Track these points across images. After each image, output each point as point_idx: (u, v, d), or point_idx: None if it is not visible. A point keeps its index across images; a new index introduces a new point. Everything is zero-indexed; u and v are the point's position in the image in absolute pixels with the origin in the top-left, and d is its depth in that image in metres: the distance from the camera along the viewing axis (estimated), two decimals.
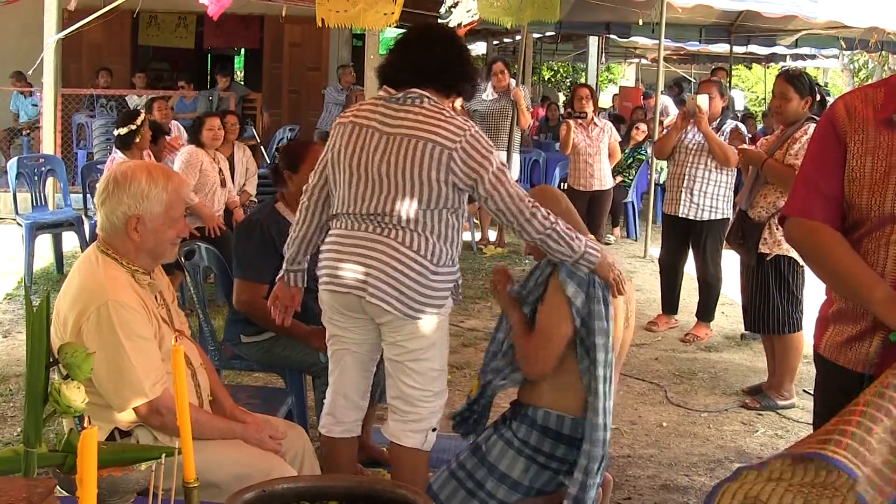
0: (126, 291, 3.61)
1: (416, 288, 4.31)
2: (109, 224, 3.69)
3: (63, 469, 2.37)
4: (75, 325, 3.52)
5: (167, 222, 3.73)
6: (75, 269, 3.76)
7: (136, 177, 3.67)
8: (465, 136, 4.24)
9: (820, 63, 30.41)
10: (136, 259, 3.74)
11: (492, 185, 4.25)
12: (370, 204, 4.36)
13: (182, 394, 2.11)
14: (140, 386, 3.51)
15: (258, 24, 20.84)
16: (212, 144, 9.36)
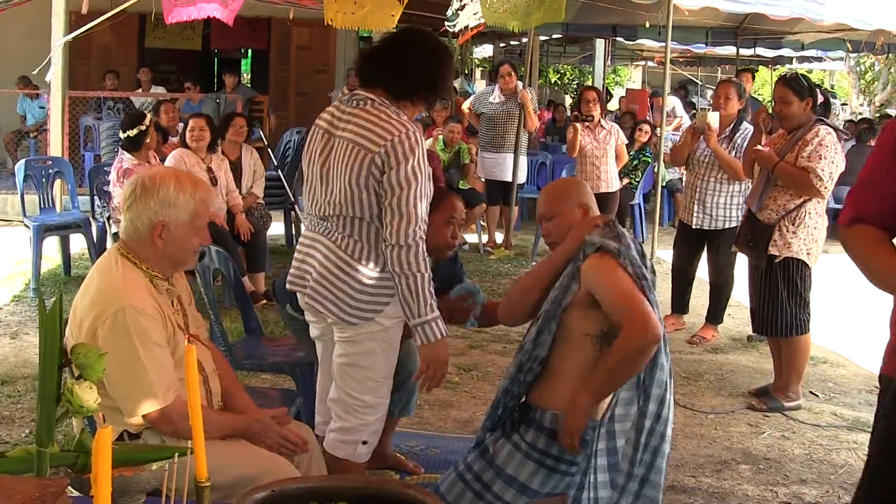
0: (143, 297, 3.61)
1: (349, 292, 4.31)
2: (134, 228, 3.69)
3: (75, 469, 2.38)
4: (91, 328, 3.53)
5: (192, 230, 3.73)
6: (94, 271, 3.77)
7: (165, 183, 3.67)
8: (393, 139, 4.17)
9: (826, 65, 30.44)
10: (157, 265, 3.74)
11: (392, 184, 4.16)
12: (318, 206, 4.41)
13: (194, 393, 2.13)
14: (153, 392, 3.51)
15: (265, 26, 20.85)
16: (195, 146, 9.36)
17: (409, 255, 4.16)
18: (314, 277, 4.42)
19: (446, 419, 6.65)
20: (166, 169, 3.87)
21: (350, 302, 4.32)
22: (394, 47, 4.43)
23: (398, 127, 4.19)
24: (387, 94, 4.33)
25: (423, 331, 4.24)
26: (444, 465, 5.76)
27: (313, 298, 4.42)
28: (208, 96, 16.86)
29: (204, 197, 3.76)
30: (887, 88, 32.53)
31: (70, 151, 13.64)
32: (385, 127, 4.20)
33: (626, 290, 4.01)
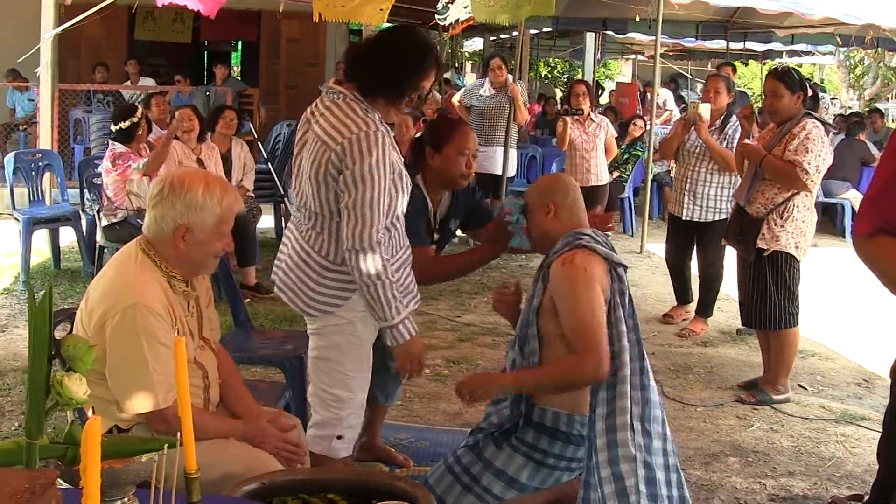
0: (156, 296, 3.61)
1: (309, 284, 4.33)
2: (157, 228, 3.68)
3: (64, 461, 2.39)
4: (100, 320, 3.54)
5: (216, 236, 3.72)
6: (112, 262, 3.77)
7: (193, 186, 3.65)
8: (351, 137, 4.11)
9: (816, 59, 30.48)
10: (177, 266, 3.73)
11: (349, 184, 4.11)
12: (296, 197, 4.45)
13: (183, 384, 2.14)
14: (153, 392, 3.52)
15: (255, 19, 20.85)
16: (184, 137, 9.38)
17: (364, 260, 4.12)
18: (282, 267, 4.48)
19: (435, 412, 6.66)
20: (197, 171, 3.85)
21: (310, 293, 4.34)
22: (374, 44, 4.38)
23: (359, 125, 4.14)
24: (357, 90, 4.27)
25: (392, 333, 4.24)
26: (434, 457, 5.77)
27: (280, 288, 4.47)
28: (198, 89, 16.85)
29: (231, 203, 3.74)
30: (876, 83, 32.59)
31: (60, 144, 13.62)
32: (347, 124, 4.15)
33: (587, 318, 4.04)
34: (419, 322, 8.36)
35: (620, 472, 3.99)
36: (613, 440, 4.03)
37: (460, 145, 5.01)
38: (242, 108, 16.24)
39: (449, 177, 5.07)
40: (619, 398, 4.06)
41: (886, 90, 32.99)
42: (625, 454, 4.00)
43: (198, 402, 3.82)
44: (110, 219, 9.08)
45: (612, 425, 4.05)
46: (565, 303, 4.09)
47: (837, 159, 7.08)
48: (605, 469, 4.02)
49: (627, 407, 4.05)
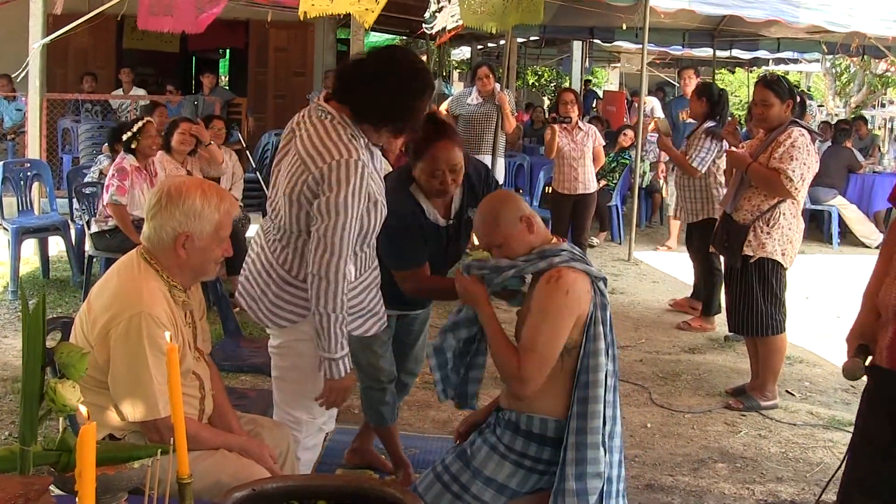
0: (160, 305, 3.62)
1: (270, 296, 4.31)
2: (157, 238, 3.69)
3: (57, 467, 2.41)
4: (104, 328, 3.54)
5: (215, 242, 3.73)
6: (115, 271, 3.77)
7: (190, 194, 3.66)
8: (331, 163, 4.04)
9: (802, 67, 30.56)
10: (177, 274, 3.75)
11: (322, 211, 4.05)
12: (270, 206, 4.41)
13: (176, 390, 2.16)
14: (154, 401, 3.53)
15: (243, 28, 20.87)
16: (180, 149, 9.38)
17: (324, 289, 4.07)
18: (245, 273, 4.45)
19: (424, 419, 6.68)
20: (192, 179, 3.86)
21: (270, 306, 4.32)
22: (370, 67, 4.24)
23: (341, 151, 4.06)
24: (350, 115, 4.18)
25: (329, 366, 4.17)
26: (423, 464, 5.79)
27: (241, 294, 4.46)
28: (187, 98, 16.84)
29: (229, 209, 3.75)
30: (863, 90, 32.68)
31: (48, 154, 13.61)
32: (329, 149, 4.08)
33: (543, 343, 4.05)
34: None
35: (586, 487, 4.03)
36: (583, 457, 4.06)
37: (431, 166, 4.83)
38: (231, 117, 16.24)
39: (427, 191, 4.96)
40: (592, 417, 4.08)
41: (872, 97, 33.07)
42: (593, 471, 4.04)
43: (193, 413, 3.83)
44: (101, 226, 9.07)
45: (583, 442, 4.07)
46: (533, 317, 4.11)
47: (824, 166, 7.13)
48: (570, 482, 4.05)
49: (599, 427, 4.08)
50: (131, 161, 9.00)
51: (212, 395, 4.00)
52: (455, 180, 4.91)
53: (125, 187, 8.79)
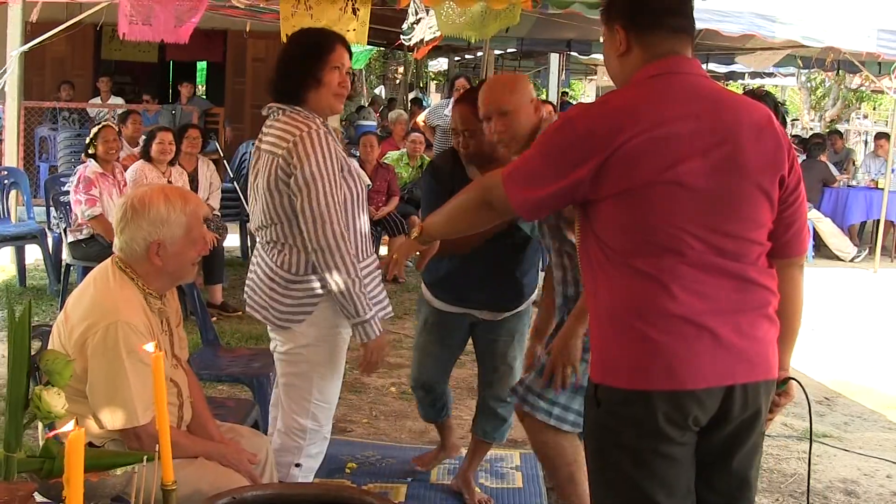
0: (137, 314, 3.64)
1: (278, 298, 4.34)
2: (130, 250, 3.70)
3: (41, 474, 2.43)
4: (81, 337, 3.55)
5: (188, 244, 3.75)
6: (90, 281, 3.78)
7: (154, 202, 3.68)
8: (294, 139, 4.16)
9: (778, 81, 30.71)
10: (154, 281, 3.77)
11: (300, 185, 4.14)
12: (254, 219, 4.47)
13: (161, 398, 2.18)
14: (133, 409, 3.53)
15: (221, 38, 20.84)
16: (160, 158, 9.36)
17: (329, 258, 4.13)
18: (251, 286, 4.51)
19: (402, 429, 6.70)
20: (154, 187, 3.86)
21: (280, 307, 4.35)
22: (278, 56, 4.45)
23: (300, 126, 4.18)
24: (289, 102, 4.31)
25: (362, 329, 4.24)
26: (400, 474, 5.82)
27: (253, 308, 4.50)
28: (164, 108, 16.83)
29: (195, 209, 3.77)
30: (837, 104, 32.92)
31: (25, 162, 13.58)
32: (289, 129, 4.20)
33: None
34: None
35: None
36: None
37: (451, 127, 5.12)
38: (208, 126, 16.25)
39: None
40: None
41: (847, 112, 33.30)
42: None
43: (171, 420, 3.83)
44: (76, 235, 9.07)
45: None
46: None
47: None
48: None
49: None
50: (94, 168, 9.02)
51: (190, 403, 4.01)
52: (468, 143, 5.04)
53: (95, 198, 8.80)
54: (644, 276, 2.94)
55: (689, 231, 2.92)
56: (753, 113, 3.07)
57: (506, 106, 4.39)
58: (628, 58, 3.11)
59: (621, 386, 3.00)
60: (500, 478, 5.93)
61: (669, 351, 2.91)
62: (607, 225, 3.00)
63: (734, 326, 2.96)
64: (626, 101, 3.03)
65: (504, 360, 5.38)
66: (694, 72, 3.09)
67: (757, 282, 3.03)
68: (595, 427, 3.15)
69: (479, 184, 3.39)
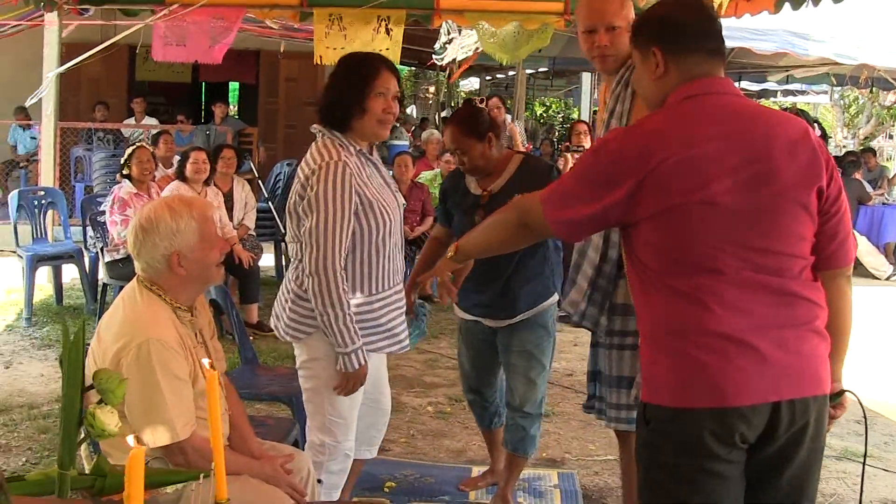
0: (168, 329, 3.65)
1: (287, 311, 4.47)
2: (153, 269, 3.72)
3: (92, 492, 2.44)
4: (115, 358, 3.54)
5: (206, 246, 3.75)
6: (119, 302, 3.80)
7: (160, 216, 3.69)
8: (314, 167, 4.26)
9: (810, 99, 30.63)
10: (182, 293, 3.78)
11: (305, 209, 4.27)
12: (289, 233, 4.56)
13: (215, 415, 2.19)
14: (172, 425, 3.54)
15: (254, 58, 20.91)
16: (195, 178, 9.38)
17: (319, 286, 4.22)
18: (277, 297, 4.64)
19: (440, 449, 6.69)
20: (154, 203, 3.88)
21: (286, 320, 4.48)
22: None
23: (324, 156, 4.26)
24: (326, 125, 4.38)
25: (343, 360, 4.30)
26: (439, 493, 5.82)
27: (272, 316, 4.66)
28: (198, 128, 16.90)
29: (202, 212, 3.78)
30: (871, 122, 32.75)
31: (61, 182, 13.67)
32: (315, 157, 4.30)
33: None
34: (420, 361, 8.44)
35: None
36: None
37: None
38: (242, 146, 16.30)
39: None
40: None
41: (881, 129, 33.14)
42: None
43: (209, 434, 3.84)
44: (113, 255, 9.14)
45: None
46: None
47: None
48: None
49: None
50: (128, 189, 9.10)
51: (229, 416, 4.02)
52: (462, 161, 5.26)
53: (129, 218, 8.85)
54: (683, 296, 2.97)
55: (724, 249, 2.95)
56: (787, 127, 3.09)
57: (615, 21, 4.29)
58: (665, 80, 3.14)
59: (667, 404, 3.01)
60: (538, 496, 5.92)
61: (712, 368, 2.93)
62: (645, 247, 3.04)
63: (778, 342, 2.96)
64: (658, 125, 3.08)
65: (517, 370, 5.41)
66: (726, 91, 3.12)
67: (801, 296, 3.03)
68: (643, 445, 3.16)
69: (517, 205, 3.42)
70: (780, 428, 2.97)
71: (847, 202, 3.21)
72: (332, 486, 4.60)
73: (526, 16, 11.54)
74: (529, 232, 3.38)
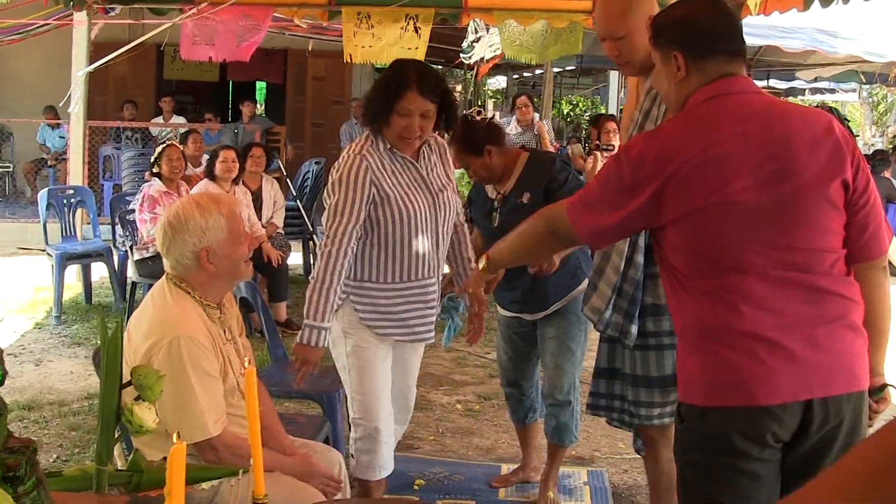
0: (197, 326, 3.67)
1: None
2: (182, 266, 3.74)
3: (129, 487, 2.45)
4: (146, 356, 3.56)
5: (234, 242, 3.77)
6: (149, 300, 3.82)
7: (189, 213, 3.71)
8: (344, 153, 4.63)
9: (839, 97, 30.47)
10: (211, 290, 3.80)
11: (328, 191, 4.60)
12: None
13: (253, 411, 2.20)
14: (203, 422, 3.56)
15: (282, 57, 20.95)
16: (224, 177, 9.39)
17: (323, 254, 4.51)
18: None
19: (469, 447, 6.69)
20: (182, 200, 3.90)
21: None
22: None
23: (351, 148, 4.62)
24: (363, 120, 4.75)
25: (303, 331, 4.53)
26: (468, 491, 5.82)
27: None
28: (227, 126, 16.94)
29: (230, 208, 3.82)
30: None
31: (89, 181, 13.72)
32: (347, 148, 4.68)
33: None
34: (448, 359, 8.43)
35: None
36: None
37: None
38: (269, 145, 16.33)
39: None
40: None
41: None
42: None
43: (243, 432, 3.84)
44: (142, 253, 9.17)
45: None
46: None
47: None
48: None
49: None
50: (158, 187, 9.14)
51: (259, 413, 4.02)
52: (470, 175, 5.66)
53: (158, 216, 8.89)
54: (710, 297, 2.98)
55: (750, 248, 2.94)
56: (809, 121, 3.07)
57: (617, 31, 4.19)
58: (686, 83, 3.14)
59: (698, 403, 3.02)
60: (568, 494, 5.91)
61: (741, 368, 2.92)
62: (673, 250, 3.06)
63: (808, 340, 2.94)
64: (677, 130, 3.10)
65: (546, 357, 5.49)
66: (746, 90, 3.11)
67: (831, 291, 3.01)
68: (679, 445, 3.17)
69: (544, 214, 3.44)
70: (812, 426, 2.96)
71: (876, 193, 3.18)
72: (362, 466, 4.78)
73: (554, 14, 11.51)
74: (557, 240, 3.44)
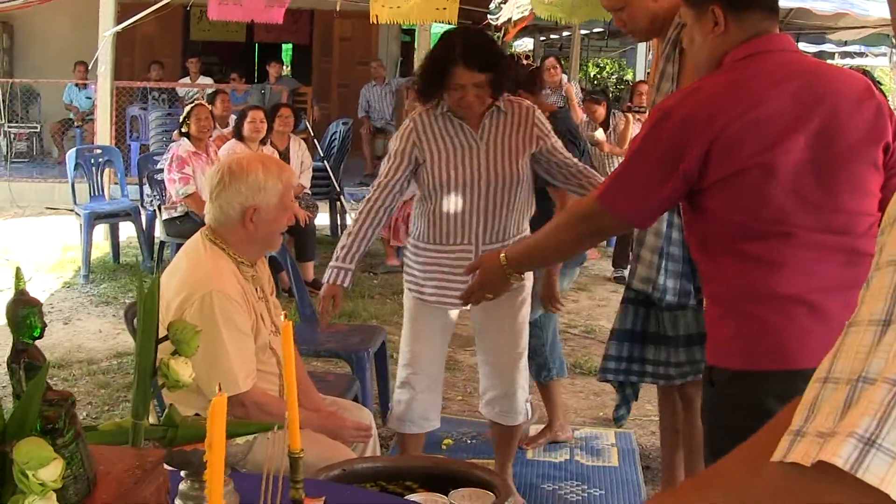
0: (230, 282, 3.68)
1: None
2: (224, 215, 3.75)
3: (163, 442, 2.45)
4: (178, 310, 3.58)
5: (281, 211, 3.80)
6: (182, 254, 3.85)
7: (253, 168, 3.73)
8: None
9: (868, 61, 30.22)
10: (244, 250, 3.81)
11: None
12: None
13: (289, 366, 2.20)
14: (234, 377, 3.57)
15: (308, 18, 20.93)
16: (252, 137, 9.40)
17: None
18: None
19: None
20: (250, 154, 3.94)
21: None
22: None
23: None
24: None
25: (328, 271, 4.61)
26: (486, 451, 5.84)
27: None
28: (253, 87, 16.93)
29: (289, 178, 3.85)
30: None
31: (116, 141, 13.75)
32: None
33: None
34: None
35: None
36: None
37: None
38: (296, 105, 16.33)
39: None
40: None
41: None
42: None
43: (273, 390, 3.86)
44: (171, 213, 9.20)
45: None
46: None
47: None
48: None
49: None
50: (186, 147, 9.13)
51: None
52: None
53: (188, 176, 8.90)
54: (752, 259, 2.92)
55: (794, 210, 2.89)
56: (851, 83, 3.02)
57: (616, 3, 4.24)
58: (724, 38, 3.04)
59: (733, 367, 2.98)
60: (595, 455, 5.92)
61: (779, 331, 2.88)
62: (713, 213, 2.98)
63: (845, 302, 2.89)
64: (720, 88, 3.00)
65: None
66: (787, 48, 3.05)
67: (868, 253, 2.98)
68: (708, 408, 3.14)
69: (573, 216, 3.34)
70: None
71: None
72: (395, 417, 4.87)
73: None
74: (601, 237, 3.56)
